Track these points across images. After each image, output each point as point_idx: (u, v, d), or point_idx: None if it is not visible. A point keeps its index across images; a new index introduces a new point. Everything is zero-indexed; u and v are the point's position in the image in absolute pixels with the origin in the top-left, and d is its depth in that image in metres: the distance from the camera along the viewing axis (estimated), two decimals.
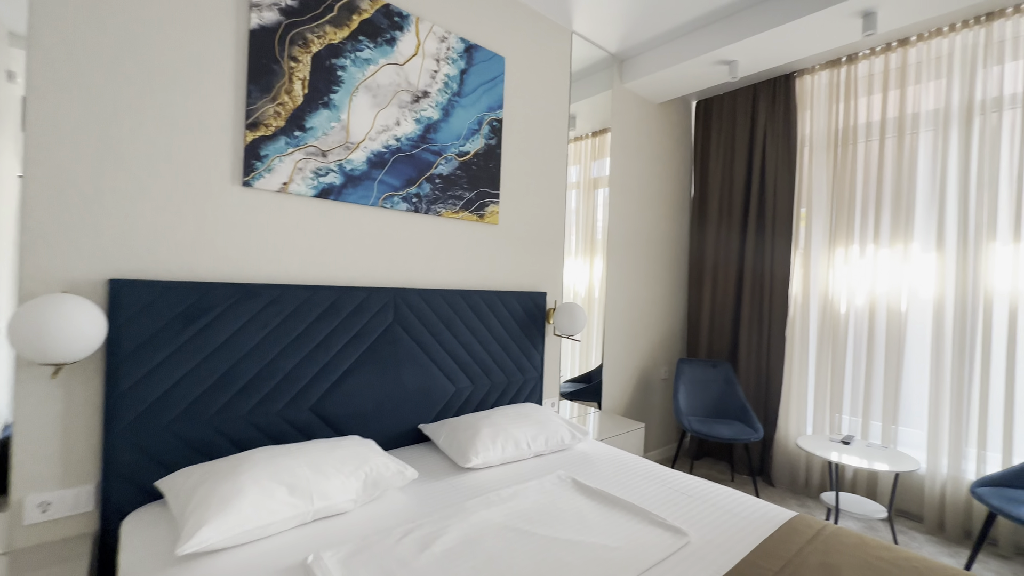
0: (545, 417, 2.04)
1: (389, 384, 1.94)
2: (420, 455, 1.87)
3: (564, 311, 2.43)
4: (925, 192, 2.63)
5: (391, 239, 2.00)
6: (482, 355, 2.26)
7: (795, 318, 3.06)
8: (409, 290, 2.00)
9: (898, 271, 2.67)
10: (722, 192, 3.44)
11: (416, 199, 2.05)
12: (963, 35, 2.50)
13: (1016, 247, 2.32)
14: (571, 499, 1.52)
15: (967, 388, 2.44)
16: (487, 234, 2.34)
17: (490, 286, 2.37)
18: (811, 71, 3.03)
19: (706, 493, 1.63)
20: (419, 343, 2.03)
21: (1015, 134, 2.34)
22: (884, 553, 1.27)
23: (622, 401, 3.17)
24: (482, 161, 2.28)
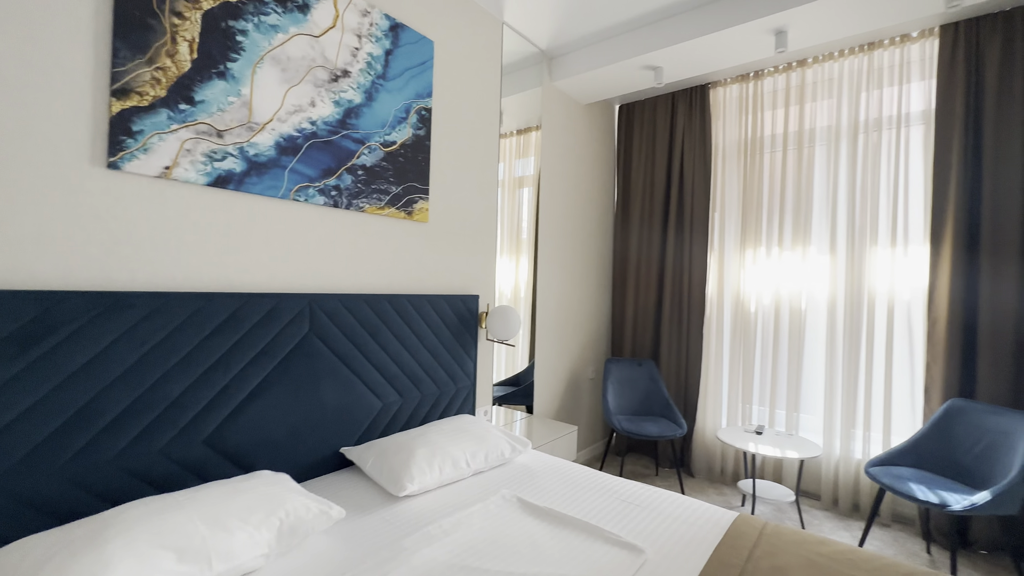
0: (484, 431, 1.91)
1: (305, 404, 1.68)
2: (344, 484, 1.64)
3: (498, 315, 2.31)
4: (820, 200, 2.90)
5: (305, 237, 1.73)
6: (412, 365, 2.07)
7: (711, 317, 3.23)
8: (328, 296, 1.75)
9: (798, 272, 2.92)
10: (644, 195, 3.54)
11: (335, 192, 1.80)
12: (850, 60, 2.79)
13: (892, 251, 2.63)
14: (520, 523, 1.40)
15: (856, 377, 2.72)
16: (416, 233, 2.14)
17: (419, 289, 2.18)
18: (724, 83, 3.22)
19: (651, 501, 1.60)
20: (340, 355, 1.79)
21: (891, 151, 2.65)
22: (822, 548, 1.32)
23: (552, 404, 3.13)
24: (410, 153, 2.08)
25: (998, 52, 2.35)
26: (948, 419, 2.28)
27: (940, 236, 2.48)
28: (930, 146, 2.55)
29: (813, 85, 2.91)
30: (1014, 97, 2.31)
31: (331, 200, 1.78)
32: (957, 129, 2.43)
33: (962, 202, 2.41)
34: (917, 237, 2.60)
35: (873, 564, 1.24)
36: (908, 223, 2.61)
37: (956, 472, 2.19)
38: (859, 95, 2.75)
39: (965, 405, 2.25)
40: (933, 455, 2.26)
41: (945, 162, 2.47)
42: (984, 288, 2.35)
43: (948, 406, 2.30)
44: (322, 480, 1.68)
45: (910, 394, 2.60)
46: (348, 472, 1.75)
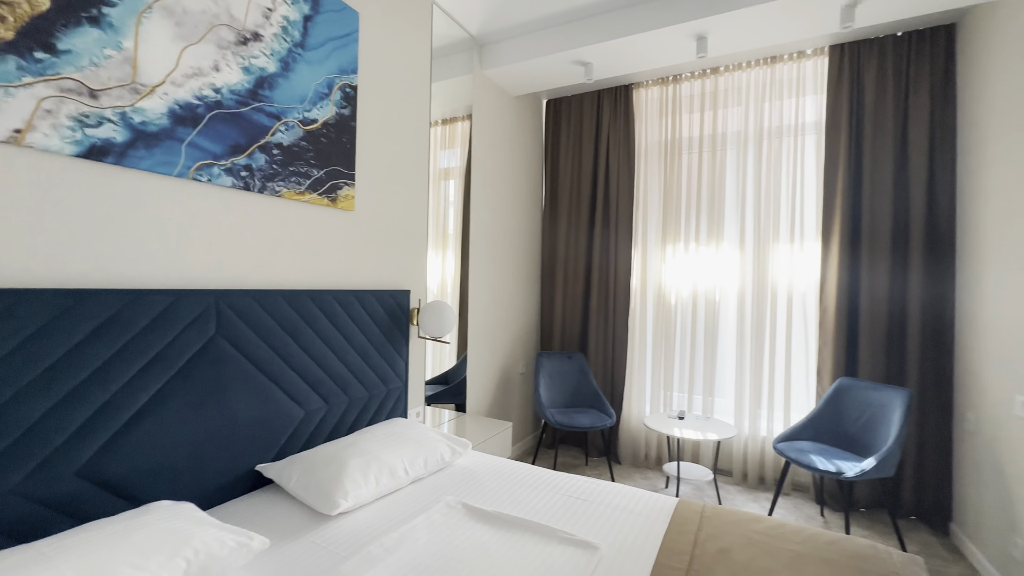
0: (421, 434, 1.79)
1: (211, 419, 1.44)
2: (264, 508, 1.44)
3: (431, 311, 2.19)
4: (731, 200, 3.13)
5: (210, 224, 1.48)
6: (338, 368, 1.88)
7: (635, 309, 3.36)
8: (238, 292, 1.52)
9: (713, 266, 3.13)
10: (572, 191, 3.59)
11: (246, 173, 1.56)
12: (756, 71, 3.03)
13: (791, 247, 2.91)
14: (469, 531, 1.32)
15: (761, 362, 2.98)
16: (341, 222, 1.95)
17: (346, 285, 1.99)
18: (645, 85, 3.35)
19: (596, 494, 1.60)
20: (254, 360, 1.57)
21: (790, 157, 2.93)
22: (755, 526, 1.39)
23: (485, 400, 3.07)
24: (333, 133, 1.88)
25: (875, 73, 2.68)
26: (838, 396, 2.57)
27: (829, 234, 2.78)
28: (821, 154, 2.86)
29: (725, 92, 3.12)
30: (886, 114, 2.65)
31: (241, 182, 1.55)
32: (843, 139, 2.74)
33: (847, 204, 2.73)
34: (811, 235, 2.90)
35: (800, 536, 1.33)
36: (804, 222, 2.90)
37: (846, 442, 2.48)
38: (763, 104, 3.00)
39: (851, 383, 2.55)
40: (827, 429, 2.54)
41: (833, 168, 2.77)
42: (863, 280, 2.68)
43: (837, 384, 2.59)
44: (235, 505, 1.45)
45: (805, 375, 2.90)
46: (267, 493, 1.54)
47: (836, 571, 1.17)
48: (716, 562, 1.20)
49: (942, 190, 2.54)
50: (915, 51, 2.60)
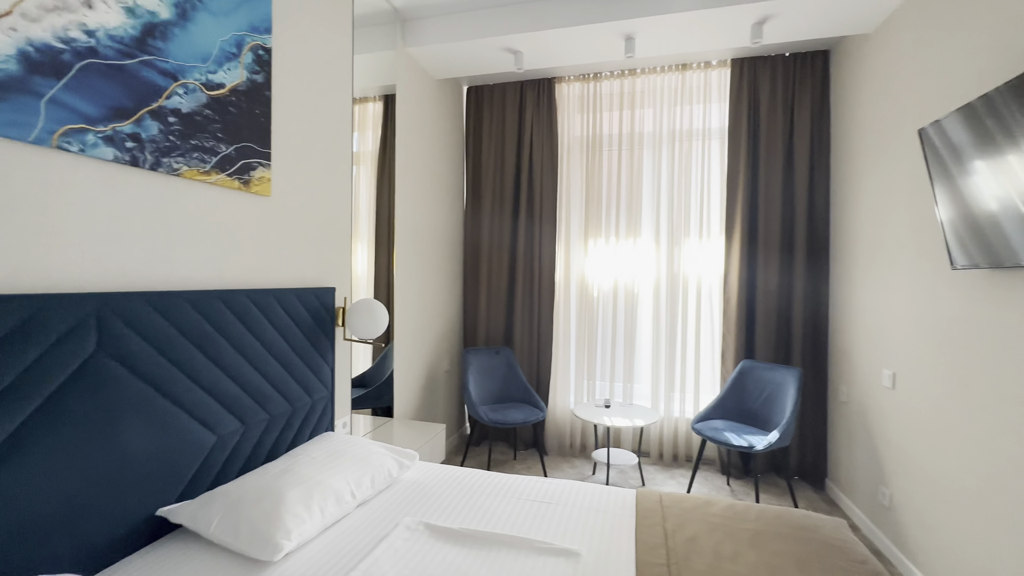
0: (363, 449, 1.60)
1: (93, 459, 1.12)
2: (175, 562, 1.16)
3: (361, 310, 1.97)
4: (648, 197, 3.31)
5: (86, 208, 1.14)
6: (256, 381, 1.60)
7: (560, 302, 3.41)
8: (127, 295, 1.20)
9: (631, 260, 3.29)
10: (495, 183, 3.51)
11: (133, 144, 1.23)
12: (667, 76, 3.22)
13: (700, 243, 3.17)
14: (439, 555, 1.19)
15: (674, 349, 3.22)
16: (255, 209, 1.65)
17: (262, 283, 1.70)
18: (567, 80, 3.38)
19: (558, 495, 1.57)
20: (151, 380, 1.26)
21: (699, 159, 3.17)
22: (710, 509, 1.47)
23: (412, 403, 2.89)
24: (245, 103, 1.58)
25: (768, 88, 2.99)
26: (741, 377, 2.86)
27: (732, 232, 3.07)
28: (724, 157, 3.13)
29: (641, 94, 3.27)
30: (777, 126, 2.99)
31: (127, 155, 1.22)
32: (743, 145, 3.03)
33: (746, 205, 3.03)
34: (716, 232, 3.17)
35: (751, 515, 1.43)
36: (710, 220, 3.17)
37: (750, 418, 2.77)
38: (675, 108, 3.21)
39: (752, 365, 2.86)
40: (734, 407, 2.82)
41: (735, 171, 3.06)
42: (760, 273, 3.01)
43: (740, 367, 2.89)
44: (133, 563, 1.15)
45: (711, 359, 3.19)
46: (176, 542, 1.25)
47: (790, 543, 1.27)
48: (690, 552, 1.23)
49: (819, 196, 2.93)
50: (799, 71, 2.95)
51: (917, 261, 2.04)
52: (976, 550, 1.67)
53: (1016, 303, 1.52)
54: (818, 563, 1.18)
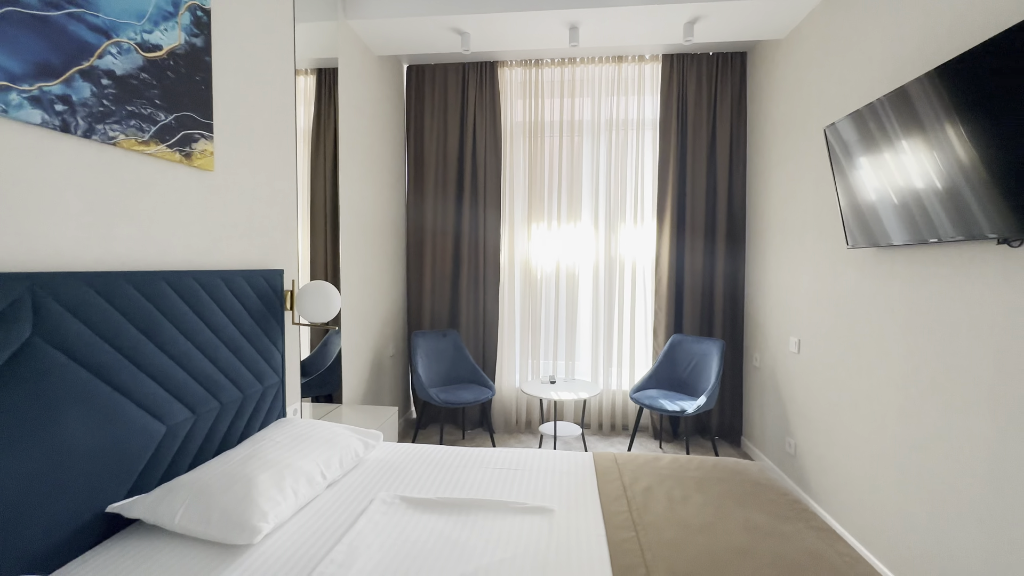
0: (327, 432, 1.58)
1: (32, 456, 1.02)
2: (137, 559, 1.09)
3: (313, 293, 1.91)
4: (587, 183, 3.46)
5: (7, 179, 1.01)
6: (206, 368, 1.51)
7: (504, 285, 3.49)
8: (65, 276, 1.09)
9: (572, 243, 3.44)
10: (438, 166, 3.49)
11: (64, 107, 1.10)
12: (604, 67, 3.37)
13: (635, 227, 3.39)
14: (419, 523, 1.23)
15: (612, 326, 3.43)
16: (198, 184, 1.54)
17: (207, 264, 1.59)
18: (510, 65, 3.42)
19: (523, 462, 1.66)
20: (94, 368, 1.15)
21: (633, 148, 3.37)
22: (657, 464, 1.64)
23: (360, 388, 2.84)
24: (184, 68, 1.45)
25: (694, 84, 3.25)
26: (672, 349, 3.14)
27: (663, 216, 3.32)
28: (656, 148, 3.36)
29: (580, 83, 3.40)
30: (702, 120, 3.25)
31: (56, 119, 1.09)
32: (673, 136, 3.27)
33: (675, 193, 3.28)
34: (649, 217, 3.41)
35: (692, 465, 1.61)
36: (644, 206, 3.39)
37: (680, 386, 3.05)
38: (611, 98, 3.37)
39: (681, 338, 3.14)
40: (666, 377, 3.09)
41: (665, 160, 3.30)
42: (687, 255, 3.29)
43: (671, 340, 3.16)
44: (86, 564, 1.07)
45: (644, 334, 3.45)
46: (131, 539, 1.17)
47: (728, 485, 1.46)
48: (647, 499, 1.38)
49: (737, 185, 3.25)
50: (720, 70, 3.23)
51: (819, 242, 2.36)
52: (864, 484, 2.02)
53: (894, 276, 1.84)
54: (752, 498, 1.38)
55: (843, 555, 1.13)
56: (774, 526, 1.24)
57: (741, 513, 1.30)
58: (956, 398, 1.56)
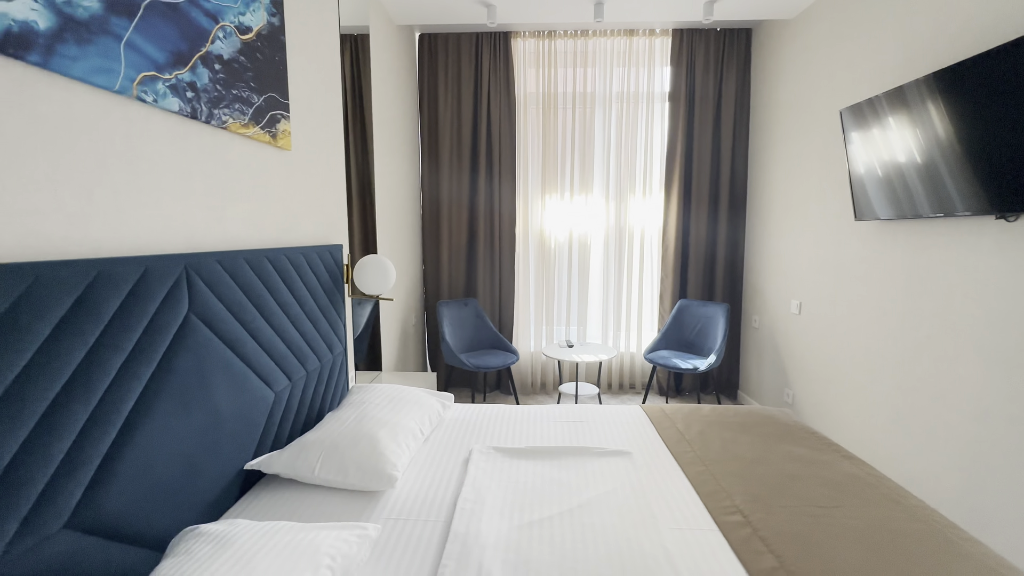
0: (412, 395, 1.72)
1: (199, 419, 1.13)
2: (284, 507, 1.23)
3: (372, 267, 2.01)
4: (599, 155, 3.59)
5: (157, 164, 1.07)
6: (296, 339, 1.62)
7: (520, 254, 3.63)
8: (203, 256, 1.17)
9: (584, 213, 3.59)
10: (452, 137, 3.52)
11: (192, 94, 1.15)
12: (616, 40, 3.44)
13: (644, 198, 3.56)
14: (520, 467, 1.42)
15: (621, 292, 3.65)
16: (281, 164, 1.59)
17: (289, 241, 1.67)
18: (523, 36, 3.44)
19: (585, 416, 1.86)
20: (228, 341, 1.26)
21: (644, 120, 3.50)
22: (701, 412, 1.87)
23: (393, 356, 2.97)
24: (267, 48, 1.49)
25: (703, 58, 3.37)
26: (680, 313, 3.39)
27: (671, 187, 3.50)
28: (665, 120, 3.50)
29: (593, 55, 3.46)
30: (709, 94, 3.40)
31: (188, 106, 1.14)
32: (682, 108, 3.41)
33: (683, 163, 3.46)
34: (658, 188, 3.58)
35: (731, 413, 1.86)
36: (652, 177, 3.56)
37: (688, 347, 3.32)
38: (623, 70, 3.46)
39: (688, 303, 3.39)
40: (675, 339, 3.35)
41: (674, 134, 3.45)
42: (692, 224, 3.51)
43: (679, 305, 3.41)
44: (247, 511, 1.20)
45: (651, 300, 3.69)
46: (267, 492, 1.30)
47: (766, 427, 1.71)
48: (703, 440, 1.61)
49: (739, 158, 3.45)
50: (727, 46, 3.36)
51: (823, 214, 2.60)
52: (858, 424, 2.34)
53: (898, 246, 2.09)
54: (788, 436, 1.63)
55: (872, 475, 1.39)
56: (813, 456, 1.49)
57: (784, 448, 1.55)
58: (948, 349, 1.85)
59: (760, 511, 1.19)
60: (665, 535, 1.09)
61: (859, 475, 1.38)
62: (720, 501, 1.25)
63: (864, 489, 1.31)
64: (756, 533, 1.11)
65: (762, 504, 1.23)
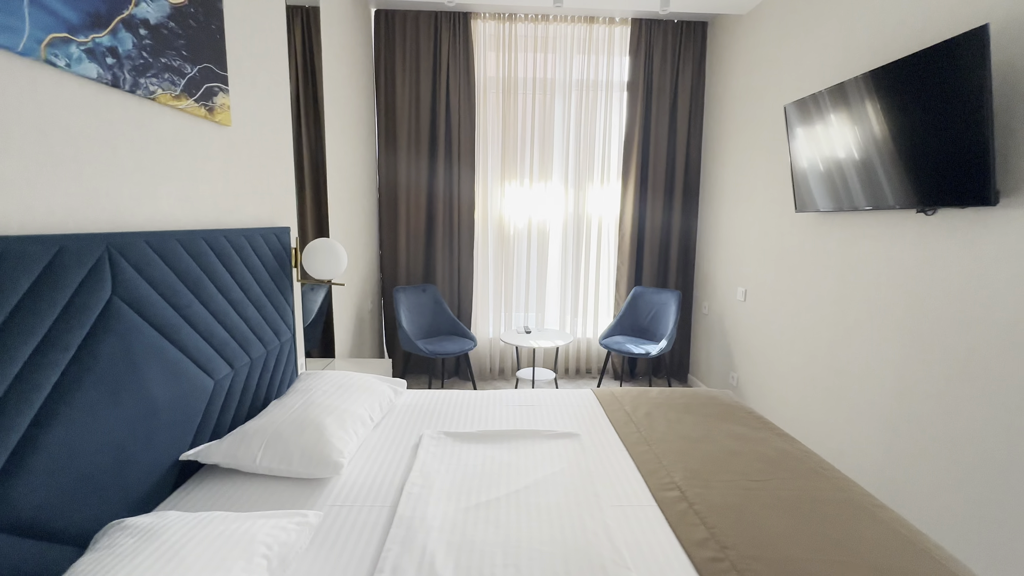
0: (362, 381, 1.70)
1: (130, 407, 1.07)
2: (223, 498, 1.19)
3: (322, 250, 1.95)
4: (559, 142, 3.59)
5: (76, 136, 0.99)
6: (239, 325, 1.55)
7: (479, 240, 3.61)
8: (129, 235, 1.10)
9: (543, 200, 3.60)
10: (410, 118, 3.44)
11: (113, 60, 1.07)
12: (576, 27, 3.44)
13: (602, 186, 3.61)
14: (471, 451, 1.43)
15: (579, 279, 3.70)
16: (219, 140, 1.51)
17: (231, 222, 1.59)
18: (483, 17, 3.38)
19: (535, 400, 1.89)
20: (160, 326, 1.19)
21: (603, 109, 3.53)
22: (650, 395, 1.94)
23: (347, 342, 2.90)
24: (202, 16, 1.39)
25: (660, 49, 3.42)
26: (634, 300, 3.48)
27: (628, 176, 3.56)
28: (623, 109, 3.54)
29: (553, 40, 3.45)
30: (666, 84, 3.47)
31: (108, 72, 1.05)
32: (640, 97, 3.46)
33: (640, 152, 3.52)
34: (615, 176, 3.63)
35: (677, 395, 1.93)
36: (611, 165, 3.61)
37: (641, 332, 3.42)
38: (583, 57, 3.47)
39: (642, 290, 3.49)
40: (629, 324, 3.44)
41: (632, 121, 3.50)
42: (648, 212, 3.59)
43: (634, 292, 3.50)
44: (181, 503, 1.16)
45: (608, 287, 3.77)
46: (205, 483, 1.26)
47: (710, 408, 1.79)
48: (650, 421, 1.67)
49: (694, 149, 3.55)
50: (685, 38, 3.43)
51: (767, 205, 2.72)
52: (796, 403, 2.49)
53: (831, 237, 2.22)
54: (730, 416, 1.72)
55: (801, 451, 1.49)
56: (750, 434, 1.58)
57: (724, 427, 1.63)
58: (874, 332, 1.99)
59: (697, 486, 1.26)
60: (607, 512, 1.13)
61: (790, 451, 1.48)
62: (661, 478, 1.31)
63: (794, 463, 1.40)
64: (692, 507, 1.17)
65: (700, 480, 1.29)
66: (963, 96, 1.46)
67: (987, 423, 1.54)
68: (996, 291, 1.51)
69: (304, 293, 2.72)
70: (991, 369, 1.53)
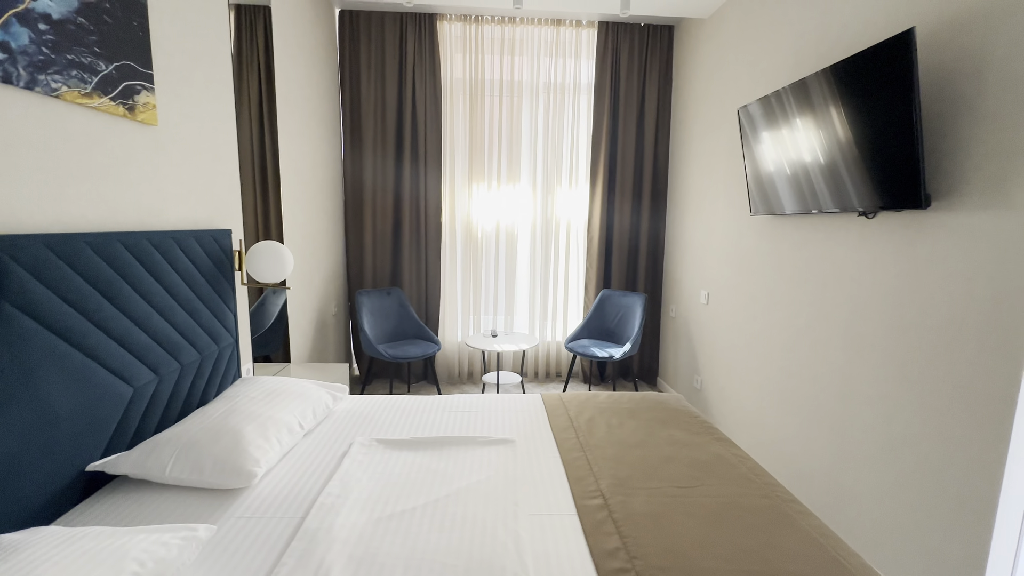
0: (299, 386, 1.66)
1: (23, 417, 1.03)
2: (129, 509, 1.15)
3: (266, 253, 1.91)
4: (526, 145, 3.58)
5: None
6: (165, 330, 1.51)
7: (446, 243, 3.58)
8: (23, 238, 1.06)
9: (511, 203, 3.58)
10: (376, 121, 3.40)
11: (5, 55, 1.03)
12: (544, 29, 3.43)
13: (570, 189, 3.60)
14: (399, 460, 1.39)
15: (548, 282, 3.69)
16: (143, 140, 1.46)
17: (157, 224, 1.54)
18: (449, 19, 3.36)
19: (480, 404, 1.86)
20: (63, 332, 1.14)
21: (570, 111, 3.52)
22: (596, 400, 1.92)
23: (306, 346, 2.85)
24: (120, 11, 1.35)
25: (627, 52, 3.42)
26: (602, 303, 3.47)
27: (596, 179, 3.55)
28: (591, 112, 3.54)
29: (520, 42, 3.43)
30: (633, 87, 3.47)
31: None
32: (606, 103, 3.46)
33: (608, 155, 3.51)
34: (583, 179, 3.62)
35: (624, 399, 1.92)
36: (578, 168, 3.60)
37: (608, 335, 3.41)
38: (550, 60, 3.46)
39: (610, 293, 3.47)
40: (596, 327, 3.43)
41: (599, 126, 3.49)
42: (616, 215, 3.58)
43: (601, 295, 3.48)
44: (85, 515, 1.11)
45: (577, 289, 3.75)
46: (115, 494, 1.21)
47: (654, 412, 1.77)
48: (590, 427, 1.65)
49: (661, 152, 3.55)
50: (651, 41, 3.43)
51: (728, 209, 2.72)
52: (752, 406, 2.49)
53: (784, 239, 2.22)
54: (673, 421, 1.70)
55: (736, 455, 1.48)
56: (689, 439, 1.56)
57: (665, 432, 1.61)
58: (821, 335, 1.99)
59: (621, 494, 1.24)
60: (522, 521, 1.10)
61: (724, 455, 1.46)
62: (587, 486, 1.28)
63: (726, 469, 1.39)
64: (611, 516, 1.15)
65: (626, 488, 1.27)
66: (893, 99, 1.46)
67: (923, 427, 1.54)
68: (930, 294, 1.51)
69: (266, 297, 2.68)
70: (925, 373, 1.53)
